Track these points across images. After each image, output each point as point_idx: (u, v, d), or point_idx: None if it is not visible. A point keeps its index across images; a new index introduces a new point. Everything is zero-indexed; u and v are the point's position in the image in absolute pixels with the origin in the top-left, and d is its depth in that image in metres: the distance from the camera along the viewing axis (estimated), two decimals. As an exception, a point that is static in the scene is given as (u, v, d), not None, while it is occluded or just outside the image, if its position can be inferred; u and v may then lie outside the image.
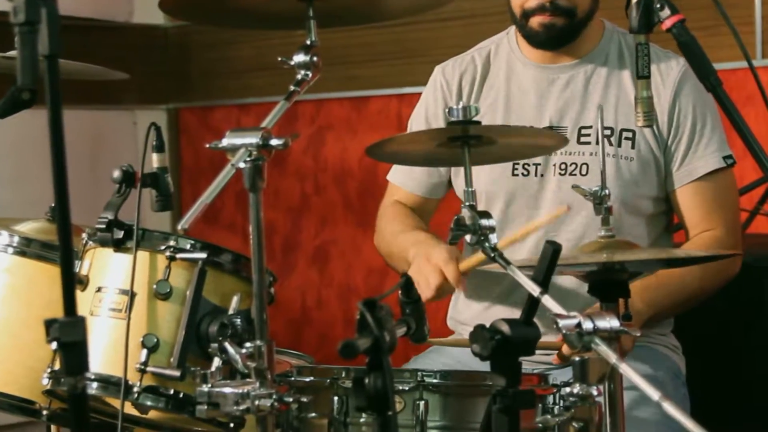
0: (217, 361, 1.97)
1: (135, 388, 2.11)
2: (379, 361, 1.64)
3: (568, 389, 1.88)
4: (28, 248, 2.35)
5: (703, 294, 2.52)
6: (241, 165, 1.82)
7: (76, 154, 4.03)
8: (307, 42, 2.02)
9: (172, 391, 2.12)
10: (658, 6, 2.03)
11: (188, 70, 4.79)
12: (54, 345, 1.47)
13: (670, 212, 2.62)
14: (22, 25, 1.47)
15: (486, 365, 1.77)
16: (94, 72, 2.66)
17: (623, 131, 2.54)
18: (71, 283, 1.50)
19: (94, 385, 2.12)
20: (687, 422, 1.65)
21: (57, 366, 2.18)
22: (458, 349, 2.55)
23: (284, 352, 2.48)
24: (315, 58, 2.01)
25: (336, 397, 1.95)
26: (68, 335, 1.46)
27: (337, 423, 1.94)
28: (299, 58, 2.01)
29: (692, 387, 2.56)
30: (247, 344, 1.85)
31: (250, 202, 1.83)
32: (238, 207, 4.56)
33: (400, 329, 1.98)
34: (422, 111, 2.71)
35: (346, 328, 4.29)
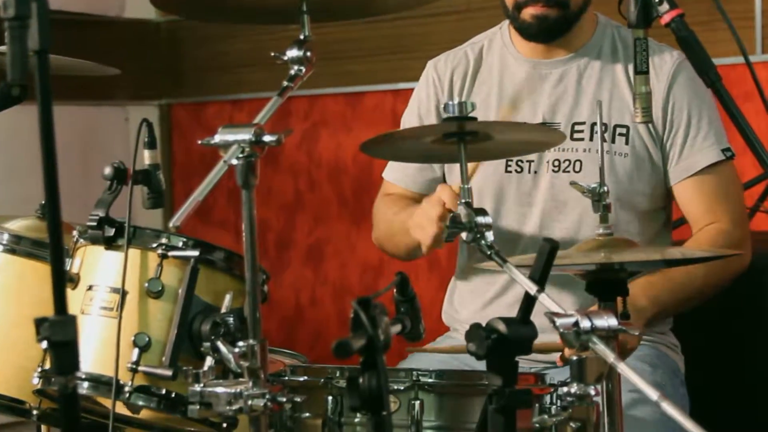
0: (209, 361, 1.97)
1: (126, 388, 2.10)
2: (373, 361, 1.63)
3: (566, 389, 1.86)
4: (18, 246, 2.34)
5: (710, 290, 2.49)
6: (234, 161, 1.81)
7: (67, 151, 4.02)
8: (301, 37, 2.02)
9: (164, 391, 2.11)
10: (657, 0, 2.02)
11: (180, 66, 4.79)
12: (44, 344, 1.45)
13: (669, 208, 2.60)
14: (11, 20, 1.46)
15: (482, 364, 1.75)
16: (84, 67, 2.65)
17: (617, 127, 2.52)
18: (62, 281, 1.49)
19: (85, 384, 2.11)
20: (686, 422, 1.64)
21: (47, 365, 2.17)
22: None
23: (277, 351, 2.48)
24: (308, 53, 2.00)
25: (330, 397, 1.95)
26: (59, 334, 1.45)
27: (331, 423, 1.94)
28: (293, 53, 2.00)
29: (692, 386, 2.55)
30: (240, 343, 1.83)
31: (243, 199, 1.82)
32: (230, 204, 4.56)
33: (395, 328, 1.97)
34: (415, 107, 2.70)
35: (341, 327, 4.29)
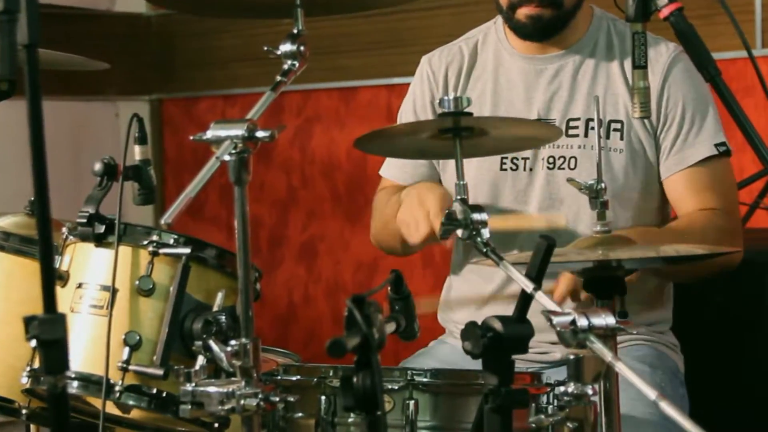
0: (201, 360, 1.96)
1: (117, 387, 2.09)
2: (367, 360, 1.62)
3: (563, 388, 1.86)
4: (7, 243, 2.33)
5: (699, 271, 2.46)
6: (226, 157, 1.80)
7: (57, 147, 4.00)
8: (294, 31, 2.00)
9: (154, 390, 2.10)
10: (656, -7, 2.01)
11: (172, 60, 4.78)
12: (33, 342, 1.45)
13: (666, 204, 2.59)
14: (0, 13, 1.45)
15: (478, 363, 1.74)
16: (74, 62, 2.64)
17: (612, 122, 2.51)
18: (51, 278, 1.48)
19: (75, 384, 2.10)
20: (685, 422, 1.63)
21: (36, 364, 2.16)
22: (449, 351, 2.54)
23: (270, 350, 2.47)
24: (302, 48, 1.98)
25: (323, 397, 1.94)
26: (48, 333, 1.44)
27: (324, 423, 1.93)
28: (286, 48, 1.98)
29: (691, 386, 2.54)
30: (232, 342, 1.82)
31: (235, 195, 1.81)
32: (222, 201, 4.55)
33: (390, 326, 1.97)
34: (410, 103, 2.69)
35: (334, 326, 4.29)
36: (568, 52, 2.56)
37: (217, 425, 2.11)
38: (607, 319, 1.75)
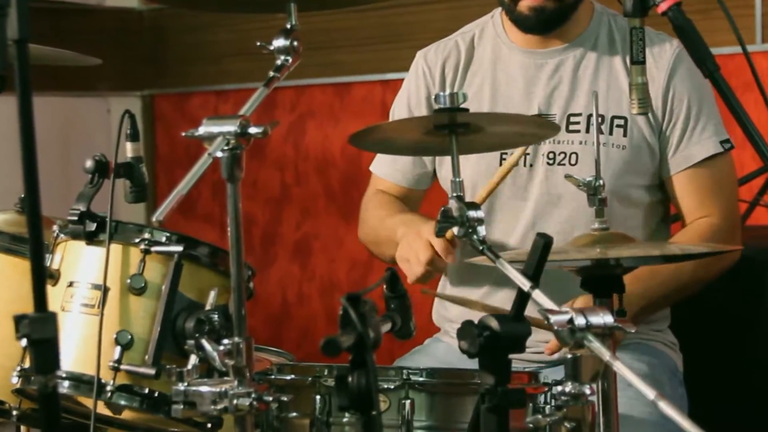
0: (193, 359, 1.94)
1: (108, 387, 2.08)
2: (362, 359, 1.61)
3: (560, 388, 1.85)
4: (-3, 241, 2.33)
5: (699, 283, 2.49)
6: (219, 154, 1.79)
7: (47, 143, 3.99)
8: (288, 26, 1.99)
9: (146, 390, 2.09)
10: (654, -12, 1.99)
11: (164, 56, 4.77)
12: (24, 342, 1.45)
13: (667, 202, 2.59)
14: None
15: (474, 363, 1.73)
16: (65, 57, 2.63)
17: (614, 118, 2.50)
18: (41, 277, 1.48)
19: (66, 383, 2.09)
20: (684, 422, 1.62)
21: (27, 364, 2.15)
22: (444, 350, 2.53)
23: (264, 349, 2.46)
24: (295, 43, 1.98)
25: (318, 396, 1.93)
26: (38, 332, 1.44)
27: (319, 423, 1.92)
28: (279, 43, 1.98)
29: (690, 385, 2.54)
30: (225, 341, 1.82)
31: (228, 192, 1.81)
32: (215, 198, 4.54)
33: (385, 325, 1.97)
34: (404, 99, 2.68)
35: (329, 324, 4.28)
36: (570, 47, 2.55)
37: (209, 425, 2.10)
38: (605, 318, 1.74)
